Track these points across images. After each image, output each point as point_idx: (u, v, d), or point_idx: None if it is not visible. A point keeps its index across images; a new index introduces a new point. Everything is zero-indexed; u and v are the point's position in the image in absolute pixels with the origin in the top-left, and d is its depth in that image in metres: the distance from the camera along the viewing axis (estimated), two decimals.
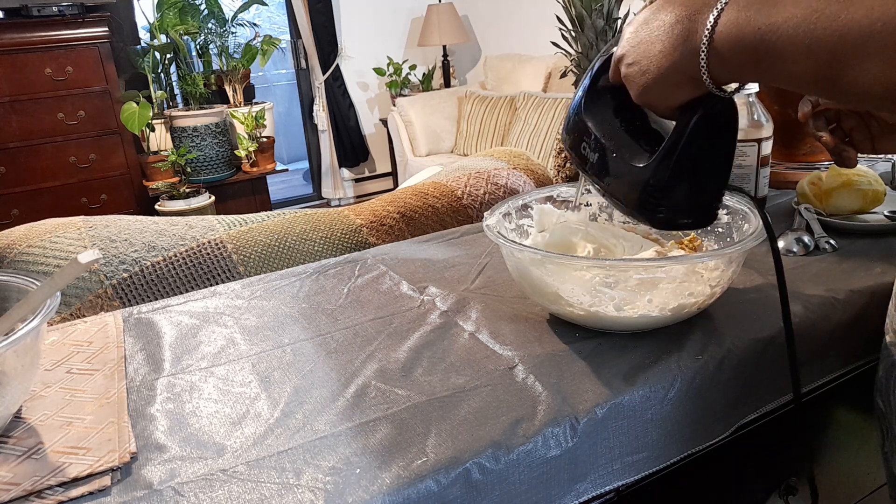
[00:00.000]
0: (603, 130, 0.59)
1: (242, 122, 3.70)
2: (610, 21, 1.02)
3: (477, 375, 0.59)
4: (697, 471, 0.64)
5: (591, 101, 0.60)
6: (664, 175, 0.54)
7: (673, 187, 0.54)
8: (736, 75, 0.47)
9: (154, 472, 0.49)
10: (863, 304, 0.69)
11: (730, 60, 0.45)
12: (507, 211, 0.76)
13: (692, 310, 0.63)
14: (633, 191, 0.56)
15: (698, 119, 0.51)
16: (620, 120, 0.59)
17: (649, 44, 0.50)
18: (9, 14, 3.14)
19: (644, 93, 0.53)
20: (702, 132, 0.52)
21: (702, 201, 0.56)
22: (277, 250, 1.00)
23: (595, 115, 0.60)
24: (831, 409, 0.76)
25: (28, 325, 0.49)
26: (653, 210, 0.55)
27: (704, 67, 0.47)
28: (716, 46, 0.45)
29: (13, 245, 0.92)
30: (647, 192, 0.55)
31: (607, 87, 0.59)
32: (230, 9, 3.86)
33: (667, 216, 0.55)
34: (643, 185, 0.55)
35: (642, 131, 0.58)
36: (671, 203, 0.55)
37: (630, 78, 0.53)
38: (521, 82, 3.88)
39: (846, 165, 0.64)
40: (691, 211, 0.56)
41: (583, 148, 0.61)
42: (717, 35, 0.45)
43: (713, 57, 0.46)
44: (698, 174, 0.54)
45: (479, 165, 1.25)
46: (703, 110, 0.51)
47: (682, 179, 0.54)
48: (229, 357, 0.66)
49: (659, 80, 0.50)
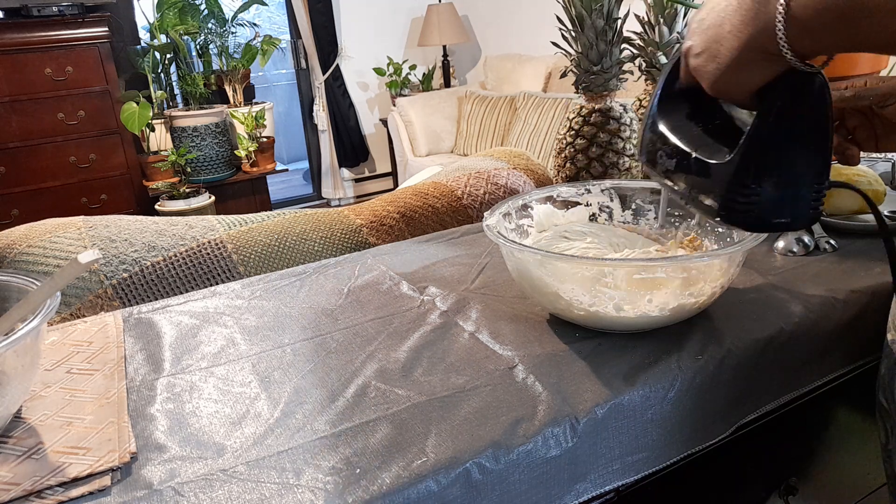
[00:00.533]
0: (679, 135, 0.54)
1: (242, 122, 3.70)
2: (610, 21, 1.02)
3: (477, 375, 0.59)
4: (697, 471, 0.64)
5: (665, 109, 0.56)
6: (748, 170, 0.48)
7: (760, 183, 0.48)
8: (820, 43, 0.42)
9: (154, 472, 0.49)
10: (863, 304, 0.69)
11: (812, 27, 0.40)
12: (507, 211, 0.76)
13: (692, 310, 0.63)
14: (717, 192, 0.50)
15: (782, 101, 0.46)
16: (697, 121, 0.54)
17: (717, 26, 0.46)
18: (9, 14, 3.14)
19: (717, 81, 0.48)
20: (787, 116, 0.46)
21: (798, 196, 0.49)
22: (277, 250, 1.00)
23: (670, 122, 0.55)
24: (832, 408, 0.76)
25: (28, 325, 0.49)
26: (743, 211, 0.49)
27: (783, 38, 0.42)
28: (794, 12, 0.41)
29: (13, 245, 0.92)
30: (733, 190, 0.49)
31: (681, 91, 0.55)
32: (230, 9, 3.86)
33: (759, 215, 0.49)
34: (727, 182, 0.49)
35: (723, 129, 0.53)
36: (762, 201, 0.48)
37: (700, 68, 0.49)
38: (521, 82, 3.88)
39: (849, 164, 0.64)
40: (787, 208, 0.49)
41: (659, 157, 0.56)
42: (795, 1, 0.40)
43: (792, 25, 0.41)
44: (789, 165, 0.48)
45: (479, 165, 1.25)
46: (787, 90, 0.46)
47: (770, 173, 0.48)
48: (229, 357, 0.66)
49: (732, 64, 0.46)
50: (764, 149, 0.47)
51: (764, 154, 0.48)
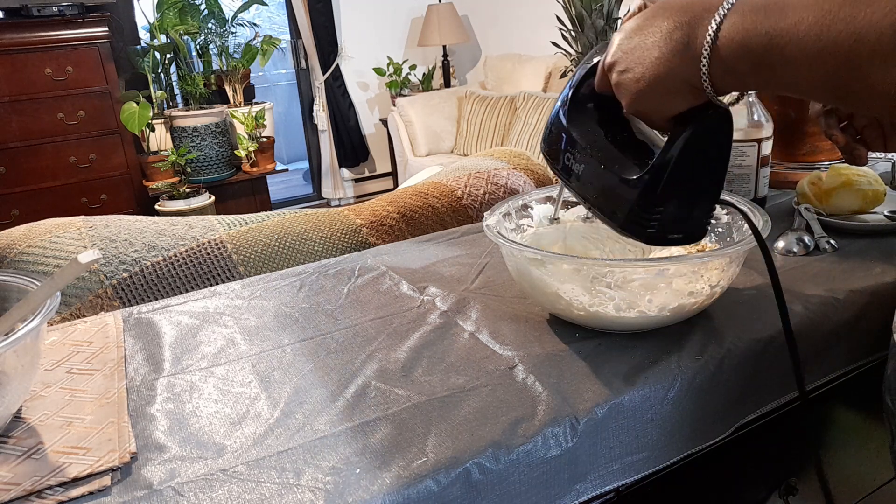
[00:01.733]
0: (589, 141, 0.57)
1: (242, 122, 3.70)
2: (610, 21, 1.03)
3: (477, 375, 0.59)
4: (697, 471, 0.64)
5: (576, 111, 0.58)
6: (656, 189, 0.51)
7: (665, 202, 0.52)
8: (739, 83, 0.46)
9: (154, 472, 0.49)
10: (863, 304, 0.69)
11: (734, 67, 0.44)
12: (507, 211, 0.76)
13: (692, 310, 0.63)
14: (622, 206, 0.54)
15: (694, 130, 0.49)
16: (606, 131, 0.57)
17: (645, 50, 0.48)
18: (9, 14, 3.14)
19: (637, 101, 0.50)
20: (697, 144, 0.50)
21: (694, 216, 0.54)
22: (277, 250, 1.00)
23: (579, 126, 0.57)
24: (832, 408, 0.76)
25: (28, 325, 0.49)
26: (643, 226, 0.53)
27: (706, 75, 0.45)
28: (719, 53, 0.44)
29: (13, 245, 0.92)
30: (639, 208, 0.52)
31: (591, 97, 0.57)
32: (230, 9, 3.86)
33: (658, 232, 0.53)
34: (634, 200, 0.52)
35: (629, 143, 0.56)
36: (662, 219, 0.52)
37: (623, 86, 0.51)
38: (521, 82, 3.88)
39: (857, 163, 0.64)
40: (683, 226, 0.54)
41: (566, 159, 0.58)
42: (721, 41, 0.43)
43: (715, 64, 0.44)
44: (692, 188, 0.52)
45: (479, 165, 1.25)
46: (700, 121, 0.49)
47: (674, 194, 0.52)
48: (229, 357, 0.66)
49: (655, 88, 0.48)
50: (672, 175, 0.51)
51: (671, 179, 0.51)
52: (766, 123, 0.90)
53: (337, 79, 4.37)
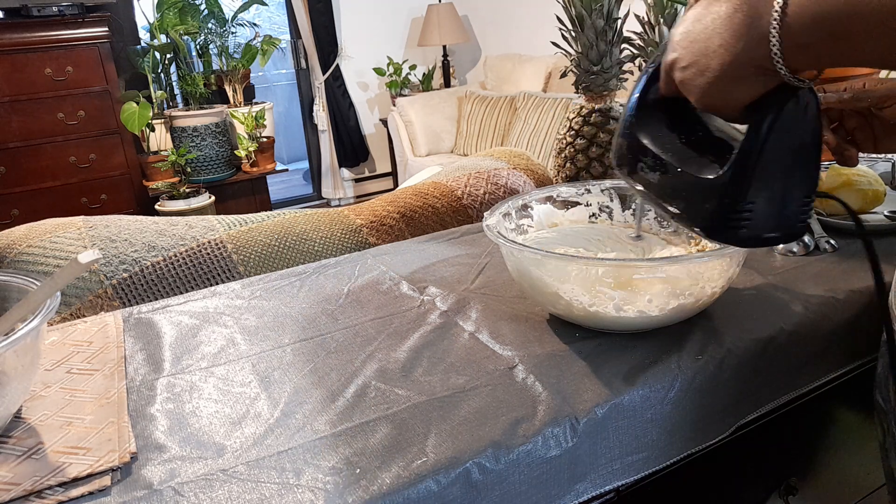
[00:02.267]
0: (661, 146, 0.53)
1: (242, 122, 3.70)
2: (610, 21, 1.02)
3: (477, 375, 0.59)
4: (697, 471, 0.64)
5: (643, 118, 0.55)
6: (742, 186, 0.47)
7: (754, 198, 0.47)
8: (816, 58, 0.41)
9: (154, 472, 0.49)
10: (863, 304, 0.69)
11: (808, 42, 0.40)
12: (507, 211, 0.76)
13: (692, 310, 0.63)
14: (706, 208, 0.49)
15: (775, 115, 0.45)
16: (679, 133, 0.53)
17: (706, 40, 0.45)
18: (9, 14, 3.14)
19: (706, 95, 0.47)
20: (781, 130, 0.46)
21: (789, 211, 0.49)
22: (277, 250, 1.00)
23: (650, 132, 0.54)
24: (831, 408, 0.76)
25: (28, 325, 0.49)
26: (733, 228, 0.49)
27: (778, 54, 0.41)
28: (789, 27, 0.40)
29: (13, 245, 0.92)
30: (725, 208, 0.48)
31: (659, 101, 0.54)
32: (230, 9, 3.86)
33: (750, 232, 0.49)
34: (719, 199, 0.48)
35: (707, 142, 0.52)
36: (753, 217, 0.48)
37: (687, 82, 0.48)
38: (521, 82, 3.88)
39: (848, 164, 0.64)
40: (778, 223, 0.49)
41: (640, 169, 0.55)
42: (791, 14, 0.40)
43: (787, 40, 0.40)
44: (781, 180, 0.48)
45: (479, 165, 1.25)
46: (780, 105, 0.45)
47: (763, 188, 0.47)
48: (229, 357, 0.66)
49: (722, 78, 0.45)
50: (756, 165, 0.47)
51: (756, 170, 0.47)
52: None
53: (337, 79, 4.37)
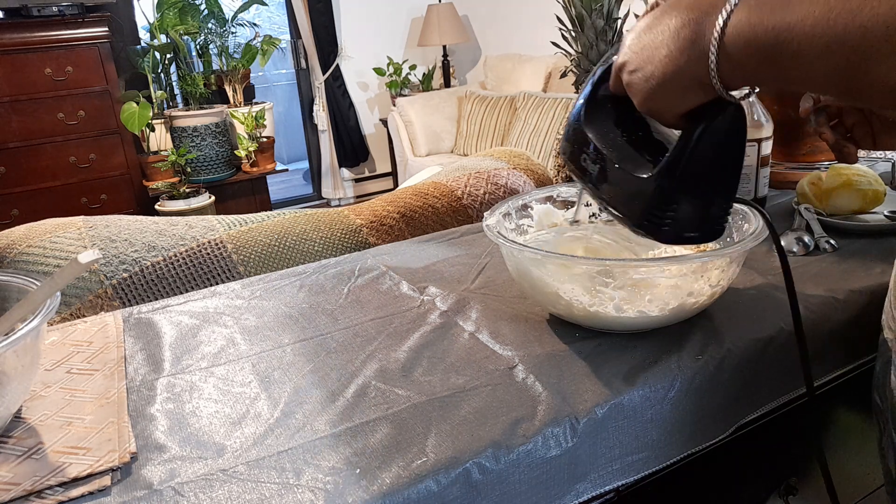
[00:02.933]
0: (604, 141, 0.56)
1: (242, 122, 3.70)
2: (610, 21, 1.02)
3: (477, 375, 0.59)
4: (697, 471, 0.64)
5: (592, 112, 0.58)
6: (669, 186, 0.51)
7: (679, 199, 0.51)
8: (748, 78, 0.46)
9: (154, 472, 0.49)
10: (863, 304, 0.69)
11: (742, 63, 0.44)
12: (507, 211, 0.76)
13: (692, 310, 0.63)
14: (636, 204, 0.53)
15: (706, 126, 0.49)
16: (622, 130, 0.56)
17: (653, 49, 0.49)
18: (9, 14, 3.14)
19: (649, 100, 0.51)
20: (710, 140, 0.50)
21: (710, 214, 0.53)
22: (277, 250, 1.00)
23: (596, 126, 0.57)
24: (831, 408, 0.76)
25: (28, 325, 0.49)
26: (657, 224, 0.53)
27: (714, 71, 0.45)
28: (726, 49, 0.44)
29: (13, 245, 0.92)
30: (652, 205, 0.52)
31: (608, 97, 0.57)
32: (230, 9, 3.86)
33: (672, 230, 0.52)
34: (647, 197, 0.52)
35: (645, 142, 0.55)
36: (677, 217, 0.52)
37: (633, 85, 0.51)
38: (521, 82, 3.88)
39: (847, 161, 0.64)
40: (699, 224, 0.53)
41: (582, 160, 0.58)
42: (728, 37, 0.43)
43: (723, 60, 0.44)
44: (706, 185, 0.52)
45: (479, 165, 1.25)
46: (711, 117, 0.49)
47: (688, 191, 0.51)
48: (229, 357, 0.66)
49: (665, 86, 0.49)
50: (685, 171, 0.50)
51: (684, 175, 0.50)
52: (766, 123, 0.90)
53: (337, 79, 4.37)
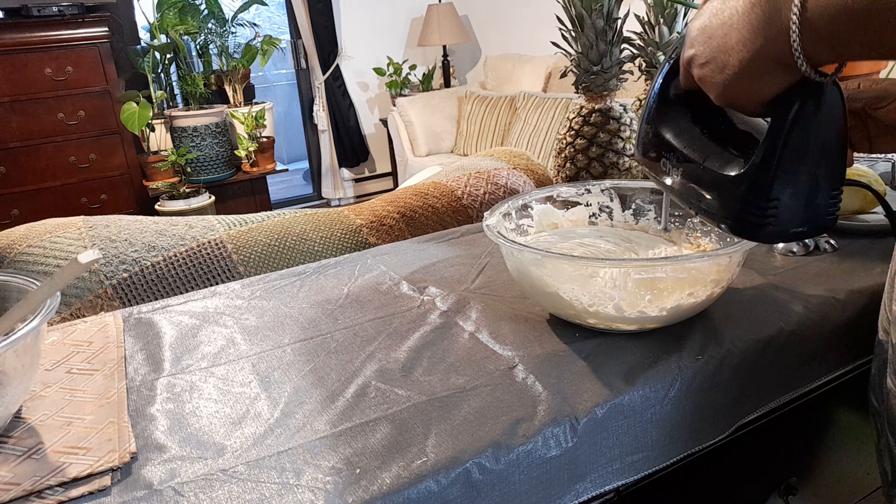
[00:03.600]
0: (684, 142, 0.52)
1: (242, 122, 3.70)
2: (610, 21, 1.02)
3: (477, 375, 0.59)
4: (697, 471, 0.64)
5: (665, 113, 0.54)
6: (766, 182, 0.46)
7: (779, 195, 0.47)
8: (837, 52, 0.40)
9: (154, 472, 0.49)
10: (863, 304, 0.69)
11: (831, 35, 0.39)
12: (507, 211, 0.76)
13: (692, 310, 0.63)
14: (731, 205, 0.49)
15: (798, 109, 0.44)
16: (702, 127, 0.52)
17: (723, 36, 0.44)
18: (9, 14, 3.14)
19: (726, 92, 0.46)
20: (803, 125, 0.45)
21: (816, 204, 0.48)
22: (277, 250, 1.00)
23: (672, 126, 0.53)
24: (831, 408, 0.76)
25: (28, 325, 0.49)
26: (758, 224, 0.48)
27: (798, 48, 0.40)
28: (810, 20, 0.39)
29: (13, 245, 0.92)
30: (750, 204, 0.47)
31: (680, 96, 0.53)
32: (230, 9, 3.86)
33: (777, 228, 0.48)
34: (743, 196, 0.48)
35: (730, 136, 0.51)
36: (779, 212, 0.47)
37: (706, 78, 0.47)
38: (521, 82, 3.88)
39: None
40: (805, 217, 0.48)
41: (662, 164, 0.54)
42: (812, 8, 0.39)
43: (807, 34, 0.39)
44: (807, 175, 0.47)
45: (479, 165, 1.25)
46: (802, 99, 0.44)
47: (788, 184, 0.46)
48: (229, 357, 0.66)
49: (742, 74, 0.44)
50: (780, 160, 0.46)
51: (780, 166, 0.46)
52: None
53: (337, 79, 4.37)
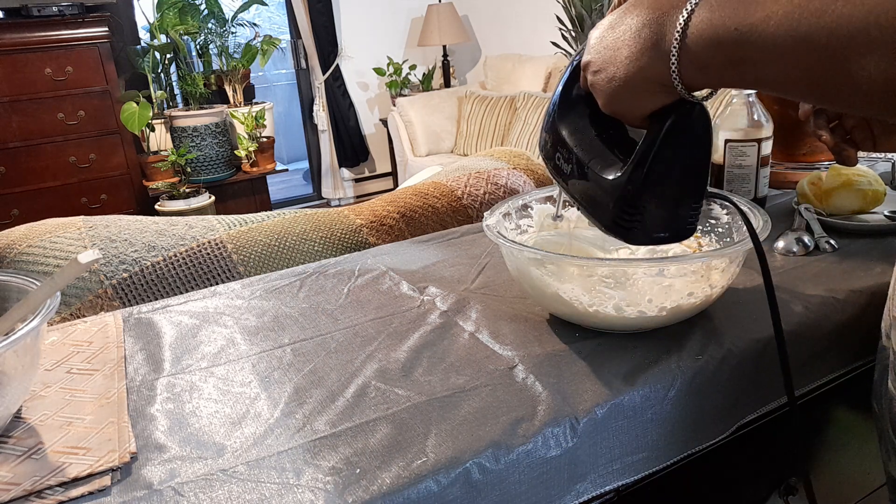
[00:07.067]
0: (576, 140, 0.56)
1: (242, 122, 3.70)
2: None
3: (477, 375, 0.59)
4: (697, 471, 0.64)
5: (565, 110, 0.57)
6: (635, 188, 0.51)
7: (646, 201, 0.51)
8: (710, 80, 0.44)
9: (154, 472, 0.49)
10: (863, 304, 0.69)
11: (705, 64, 0.42)
12: (507, 211, 0.76)
13: (692, 310, 0.63)
14: (605, 205, 0.53)
15: (669, 126, 0.49)
16: (595, 129, 0.56)
17: (615, 49, 0.48)
18: (9, 14, 3.14)
19: (611, 101, 0.50)
20: (673, 140, 0.49)
21: (678, 215, 0.52)
22: (277, 250, 1.00)
23: (569, 124, 0.57)
24: (831, 408, 0.76)
25: (28, 325, 0.49)
26: (626, 226, 0.52)
27: (676, 72, 0.44)
28: (688, 49, 0.43)
29: (13, 245, 0.92)
30: (620, 207, 0.52)
31: (581, 95, 0.56)
32: (230, 9, 3.86)
33: (641, 231, 0.52)
34: (615, 198, 0.52)
35: (618, 141, 0.55)
36: (645, 217, 0.52)
37: (597, 86, 0.51)
38: (521, 82, 3.88)
39: (847, 164, 0.64)
40: (667, 225, 0.53)
41: (557, 158, 0.58)
42: (690, 37, 0.42)
43: (685, 61, 0.43)
44: (672, 185, 0.51)
45: (479, 165, 1.25)
46: (675, 117, 0.48)
47: (655, 191, 0.51)
48: (229, 357, 0.66)
49: (626, 88, 0.48)
50: (650, 171, 0.50)
51: (650, 176, 0.50)
52: (766, 123, 0.90)
53: (337, 79, 4.37)
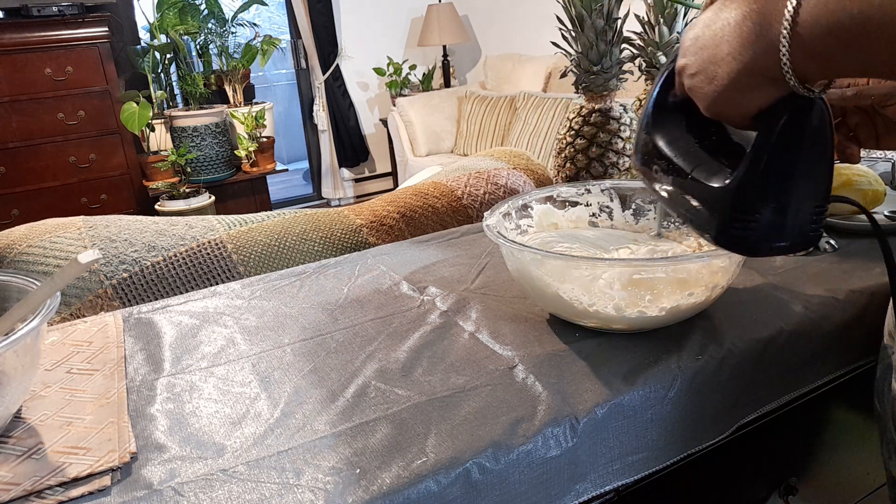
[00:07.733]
0: (675, 150, 0.52)
1: (242, 122, 3.70)
2: (610, 21, 1.02)
3: (477, 375, 0.59)
4: (697, 471, 0.64)
5: (660, 120, 0.54)
6: (748, 195, 0.46)
7: (760, 209, 0.46)
8: (827, 68, 0.40)
9: (154, 472, 0.49)
10: (863, 304, 0.69)
11: (820, 52, 0.39)
12: (507, 211, 0.76)
13: (692, 310, 0.63)
14: (715, 216, 0.48)
15: (784, 124, 0.44)
16: (695, 136, 0.52)
17: (714, 47, 0.44)
18: (9, 14, 3.14)
19: (714, 104, 0.46)
20: (789, 141, 0.45)
21: (798, 221, 0.47)
22: (277, 250, 1.00)
23: (665, 134, 0.53)
24: (831, 408, 0.76)
25: (28, 325, 0.49)
26: (741, 237, 0.48)
27: (787, 63, 0.40)
28: (800, 37, 0.39)
29: (13, 245, 0.92)
30: (733, 217, 0.47)
31: (677, 103, 0.53)
32: (230, 9, 3.86)
33: (757, 242, 0.47)
34: (726, 208, 0.47)
35: (722, 146, 0.51)
36: (760, 227, 0.47)
37: (696, 89, 0.47)
38: (521, 82, 3.88)
39: (850, 162, 0.64)
40: (787, 233, 0.47)
41: (654, 171, 0.54)
42: (802, 24, 0.38)
43: (797, 50, 0.39)
44: (790, 190, 0.46)
45: (479, 165, 1.25)
46: (789, 114, 0.44)
47: (770, 199, 0.46)
48: (229, 357, 0.66)
49: (730, 87, 0.44)
50: (763, 176, 0.46)
51: (762, 181, 0.46)
52: None
53: (337, 79, 4.37)
